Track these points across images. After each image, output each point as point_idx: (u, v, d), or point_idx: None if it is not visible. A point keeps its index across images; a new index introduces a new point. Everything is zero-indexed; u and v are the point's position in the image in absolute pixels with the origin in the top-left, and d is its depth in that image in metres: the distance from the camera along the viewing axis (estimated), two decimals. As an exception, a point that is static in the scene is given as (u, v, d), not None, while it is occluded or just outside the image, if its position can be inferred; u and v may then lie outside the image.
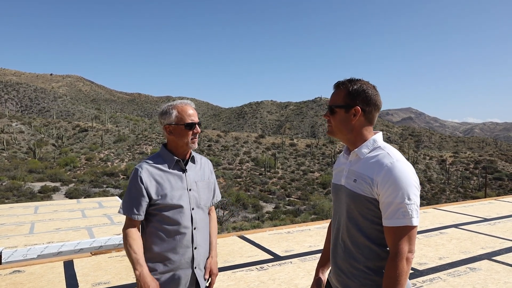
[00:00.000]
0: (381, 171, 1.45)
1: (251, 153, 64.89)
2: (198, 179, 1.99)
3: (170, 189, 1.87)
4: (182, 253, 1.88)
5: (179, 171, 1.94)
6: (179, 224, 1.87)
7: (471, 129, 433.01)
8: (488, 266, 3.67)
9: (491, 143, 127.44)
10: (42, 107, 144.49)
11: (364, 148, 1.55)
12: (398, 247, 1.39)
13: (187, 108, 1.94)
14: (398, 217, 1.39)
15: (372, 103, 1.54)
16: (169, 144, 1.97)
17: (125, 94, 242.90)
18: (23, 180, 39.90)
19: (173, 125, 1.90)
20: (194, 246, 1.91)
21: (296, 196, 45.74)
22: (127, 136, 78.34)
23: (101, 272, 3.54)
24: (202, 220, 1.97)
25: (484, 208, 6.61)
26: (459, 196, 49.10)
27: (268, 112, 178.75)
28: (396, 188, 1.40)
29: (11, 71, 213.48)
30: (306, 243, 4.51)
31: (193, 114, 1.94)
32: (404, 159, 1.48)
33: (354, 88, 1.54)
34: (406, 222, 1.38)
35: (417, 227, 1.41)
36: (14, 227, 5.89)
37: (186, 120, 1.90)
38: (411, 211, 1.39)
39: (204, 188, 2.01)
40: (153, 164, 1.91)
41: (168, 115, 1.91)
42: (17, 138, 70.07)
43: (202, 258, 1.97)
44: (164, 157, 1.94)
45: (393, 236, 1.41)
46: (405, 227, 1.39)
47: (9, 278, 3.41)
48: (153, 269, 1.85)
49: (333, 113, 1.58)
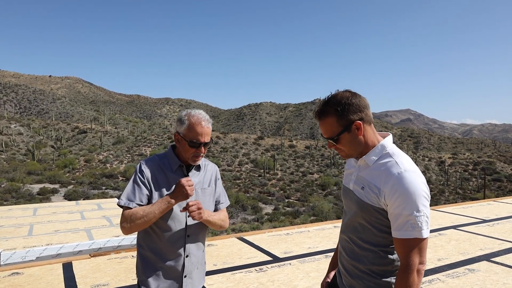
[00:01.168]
0: (388, 182, 1.40)
1: (250, 154, 64.89)
2: (199, 187, 1.92)
3: (167, 192, 1.82)
4: (173, 260, 1.82)
5: (181, 176, 1.87)
6: (172, 230, 1.82)
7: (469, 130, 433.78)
8: (487, 267, 3.67)
9: (489, 144, 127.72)
10: (41, 108, 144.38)
11: (372, 155, 1.50)
12: (409, 259, 1.36)
13: (199, 124, 1.80)
14: (407, 229, 1.36)
15: (361, 107, 1.47)
16: (177, 148, 1.92)
17: (124, 96, 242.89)
18: (22, 182, 39.83)
19: (181, 136, 1.83)
20: (186, 254, 1.85)
21: (295, 197, 45.72)
22: (126, 138, 78.31)
23: (100, 274, 3.53)
24: (196, 228, 1.90)
25: (483, 209, 6.62)
26: (458, 197, 49.15)
27: (267, 113, 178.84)
28: (404, 199, 1.35)
29: (10, 73, 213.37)
30: (305, 244, 4.51)
31: (202, 132, 1.81)
32: (413, 167, 1.42)
33: (340, 108, 1.45)
34: (415, 234, 1.35)
35: (427, 239, 1.37)
36: (12, 229, 5.88)
37: (191, 138, 1.80)
38: (420, 223, 1.34)
39: (205, 196, 1.93)
40: (158, 163, 1.87)
41: (181, 123, 1.83)
42: (16, 140, 69.96)
43: (194, 267, 1.90)
44: (169, 158, 1.90)
45: (403, 248, 1.38)
46: (414, 239, 1.35)
47: (8, 280, 3.40)
48: (144, 273, 1.83)
49: (338, 141, 1.50)
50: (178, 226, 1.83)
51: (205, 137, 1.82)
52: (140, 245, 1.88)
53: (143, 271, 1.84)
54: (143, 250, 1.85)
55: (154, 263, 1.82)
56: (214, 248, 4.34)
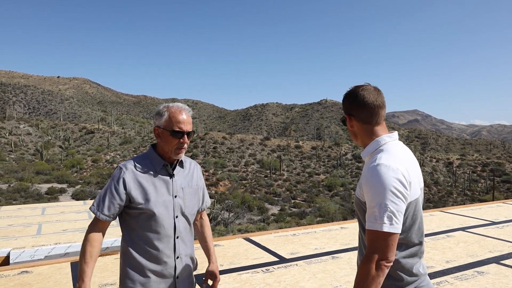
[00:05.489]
0: (364, 175, 1.48)
1: (257, 155, 64.87)
2: (185, 185, 1.87)
3: (154, 194, 1.76)
4: (164, 263, 1.78)
5: (165, 176, 1.82)
6: (161, 233, 1.76)
7: (478, 131, 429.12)
8: (496, 270, 3.63)
9: (498, 146, 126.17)
10: (49, 109, 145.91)
11: (366, 151, 1.59)
12: (369, 250, 1.37)
13: (179, 113, 1.78)
14: (371, 220, 1.38)
15: (356, 103, 1.55)
16: (158, 146, 1.85)
17: (131, 96, 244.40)
18: (31, 181, 40.24)
19: (161, 128, 1.78)
20: (177, 256, 1.81)
21: (302, 198, 45.60)
22: (133, 138, 78.78)
23: (107, 273, 3.56)
24: (185, 228, 1.86)
25: (492, 211, 6.54)
26: (466, 199, 48.61)
27: (274, 114, 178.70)
28: (372, 191, 1.39)
29: (19, 74, 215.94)
30: (311, 245, 4.50)
31: (184, 121, 1.77)
32: (388, 162, 1.42)
33: (343, 99, 1.63)
34: (376, 226, 1.36)
35: (394, 235, 1.35)
36: (21, 228, 5.95)
37: (173, 127, 1.76)
38: (382, 217, 1.35)
39: (191, 195, 1.89)
40: (139, 166, 1.79)
41: (160, 116, 1.79)
42: (25, 140, 70.78)
43: (185, 268, 1.87)
44: (151, 159, 1.82)
45: (367, 238, 1.41)
46: (376, 232, 1.36)
47: (17, 278, 3.44)
48: (132, 278, 1.76)
49: (344, 123, 1.66)
50: (168, 228, 1.79)
51: (187, 126, 1.79)
52: (126, 252, 1.79)
53: (132, 279, 1.76)
54: (130, 257, 1.78)
55: (143, 268, 1.76)
56: (221, 248, 4.34)
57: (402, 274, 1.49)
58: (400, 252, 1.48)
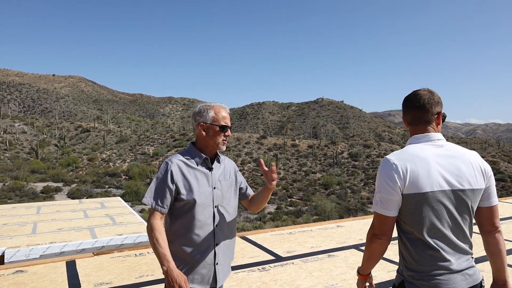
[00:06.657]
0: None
1: (253, 154, 64.93)
2: (222, 178, 2.04)
3: (196, 185, 1.92)
4: (204, 250, 1.91)
5: (206, 169, 1.99)
6: (201, 221, 1.91)
7: (473, 130, 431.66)
8: (490, 268, 3.65)
9: (493, 144, 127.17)
10: (45, 107, 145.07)
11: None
12: (371, 225, 1.65)
13: (224, 110, 2.03)
14: (373, 203, 1.66)
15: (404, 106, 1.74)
16: (199, 142, 2.03)
17: (127, 95, 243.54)
18: (26, 180, 40.01)
19: (208, 124, 1.98)
20: (216, 243, 1.95)
21: (298, 196, 45.72)
22: (129, 137, 78.49)
23: (103, 272, 3.55)
24: (224, 218, 2.00)
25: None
26: (461, 197, 48.83)
27: (270, 113, 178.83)
28: (376, 180, 1.66)
29: (13, 72, 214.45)
30: (308, 244, 4.51)
31: (227, 117, 2.03)
32: (392, 156, 1.61)
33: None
34: (373, 208, 1.63)
35: (384, 217, 1.57)
36: (16, 227, 5.91)
37: (220, 122, 1.99)
38: (376, 201, 1.61)
39: (227, 187, 2.06)
40: (183, 160, 1.96)
41: (204, 114, 1.99)
42: (20, 139, 70.34)
43: (224, 255, 2.01)
44: (193, 154, 2.00)
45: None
46: (375, 212, 1.62)
47: (12, 278, 3.42)
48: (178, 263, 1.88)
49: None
50: (208, 217, 1.93)
51: (229, 122, 2.03)
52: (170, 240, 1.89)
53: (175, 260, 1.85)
54: (174, 245, 1.89)
55: (186, 254, 1.89)
56: (217, 247, 4.34)
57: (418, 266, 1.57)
58: (415, 247, 1.57)
